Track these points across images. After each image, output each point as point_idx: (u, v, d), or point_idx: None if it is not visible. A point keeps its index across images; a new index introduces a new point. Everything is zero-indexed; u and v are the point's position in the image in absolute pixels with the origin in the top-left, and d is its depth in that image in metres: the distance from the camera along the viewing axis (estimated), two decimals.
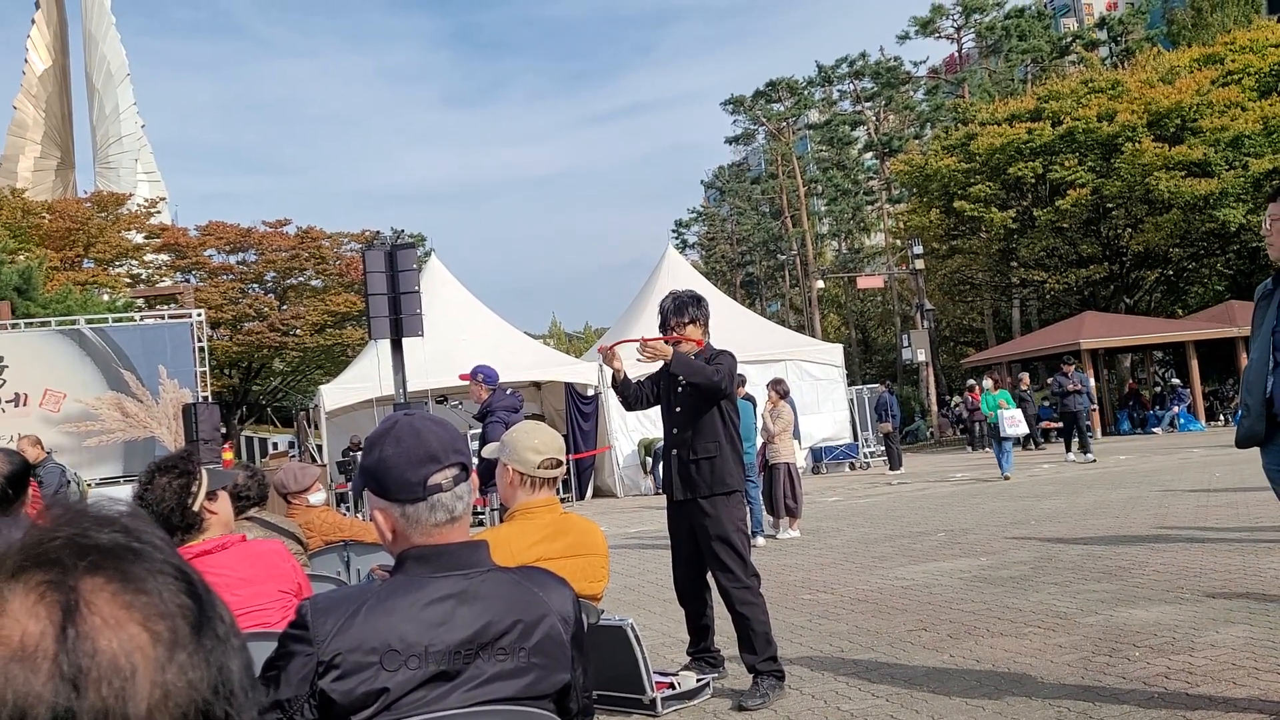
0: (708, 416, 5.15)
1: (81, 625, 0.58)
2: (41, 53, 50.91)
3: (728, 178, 60.81)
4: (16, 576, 0.60)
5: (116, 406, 16.94)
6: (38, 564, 0.60)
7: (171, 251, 36.07)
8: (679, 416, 5.21)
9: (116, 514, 0.65)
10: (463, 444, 1.91)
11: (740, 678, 5.22)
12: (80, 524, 0.63)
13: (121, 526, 0.64)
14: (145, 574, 0.62)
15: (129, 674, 0.58)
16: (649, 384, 5.42)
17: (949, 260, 34.39)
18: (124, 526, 0.64)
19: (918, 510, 12.60)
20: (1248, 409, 3.76)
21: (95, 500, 0.67)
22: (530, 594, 1.83)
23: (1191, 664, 4.74)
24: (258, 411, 42.87)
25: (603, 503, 18.76)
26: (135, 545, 0.63)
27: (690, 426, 5.15)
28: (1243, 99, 28.00)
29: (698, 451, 5.12)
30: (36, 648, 0.57)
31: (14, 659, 0.57)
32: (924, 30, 43.61)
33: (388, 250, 12.58)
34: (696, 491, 5.11)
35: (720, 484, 5.10)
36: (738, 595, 5.03)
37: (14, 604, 0.59)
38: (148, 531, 0.65)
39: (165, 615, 0.61)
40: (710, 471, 5.10)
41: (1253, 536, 8.11)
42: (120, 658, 0.58)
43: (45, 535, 0.62)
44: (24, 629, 0.58)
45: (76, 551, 0.61)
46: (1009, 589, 6.95)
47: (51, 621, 0.58)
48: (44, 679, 0.56)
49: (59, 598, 0.59)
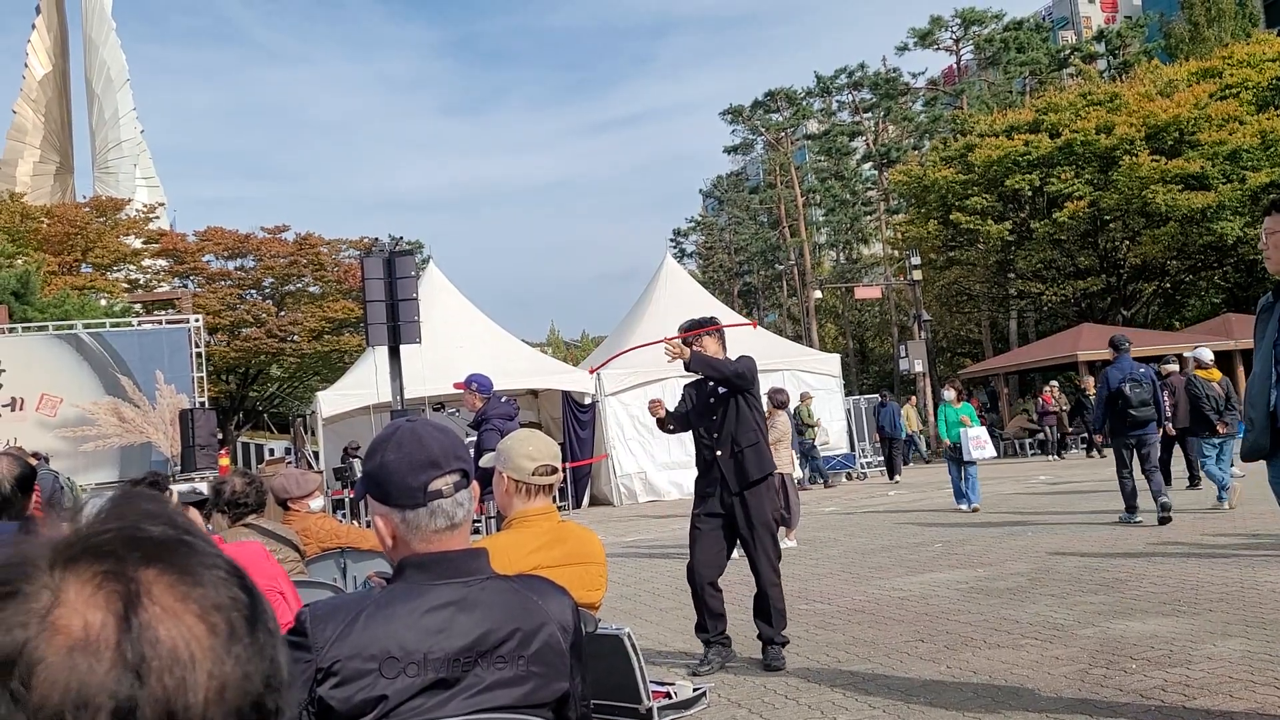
0: (743, 413, 5.86)
1: (143, 615, 0.59)
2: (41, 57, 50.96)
3: (726, 187, 60.89)
4: (71, 567, 0.60)
5: (113, 411, 16.91)
6: (92, 555, 0.61)
7: (170, 257, 36.06)
8: (717, 421, 5.87)
9: (162, 509, 0.66)
10: (464, 451, 1.91)
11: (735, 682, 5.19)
12: (130, 517, 0.64)
13: (170, 520, 0.65)
14: (199, 567, 0.63)
15: (189, 664, 0.59)
16: (680, 410, 6.12)
17: (947, 271, 34.44)
18: (172, 521, 0.65)
19: (915, 521, 12.60)
20: (1252, 423, 3.77)
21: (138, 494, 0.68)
22: (529, 602, 1.83)
23: (1189, 677, 4.74)
24: (254, 417, 42.80)
25: (600, 511, 18.73)
26: (186, 539, 0.64)
27: (730, 425, 5.82)
28: (1240, 113, 28.10)
29: (742, 443, 5.81)
30: (99, 637, 0.58)
31: (76, 648, 0.57)
32: (923, 42, 43.74)
33: (386, 257, 12.59)
34: (748, 479, 5.79)
35: (768, 465, 5.89)
36: (768, 576, 5.78)
37: (71, 594, 0.59)
38: (194, 526, 0.66)
39: (220, 608, 0.62)
40: (756, 457, 5.83)
41: (1250, 549, 8.11)
42: (180, 648, 0.59)
43: (95, 528, 0.63)
44: (85, 618, 0.58)
45: (130, 543, 0.62)
46: (1006, 600, 6.94)
47: (112, 611, 0.59)
48: (107, 668, 0.57)
49: (118, 588, 0.59)
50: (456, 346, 18.31)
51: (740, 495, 5.80)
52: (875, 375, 47.16)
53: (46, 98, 50.72)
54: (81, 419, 16.74)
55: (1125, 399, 10.05)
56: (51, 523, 0.64)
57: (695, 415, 6.00)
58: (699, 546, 5.87)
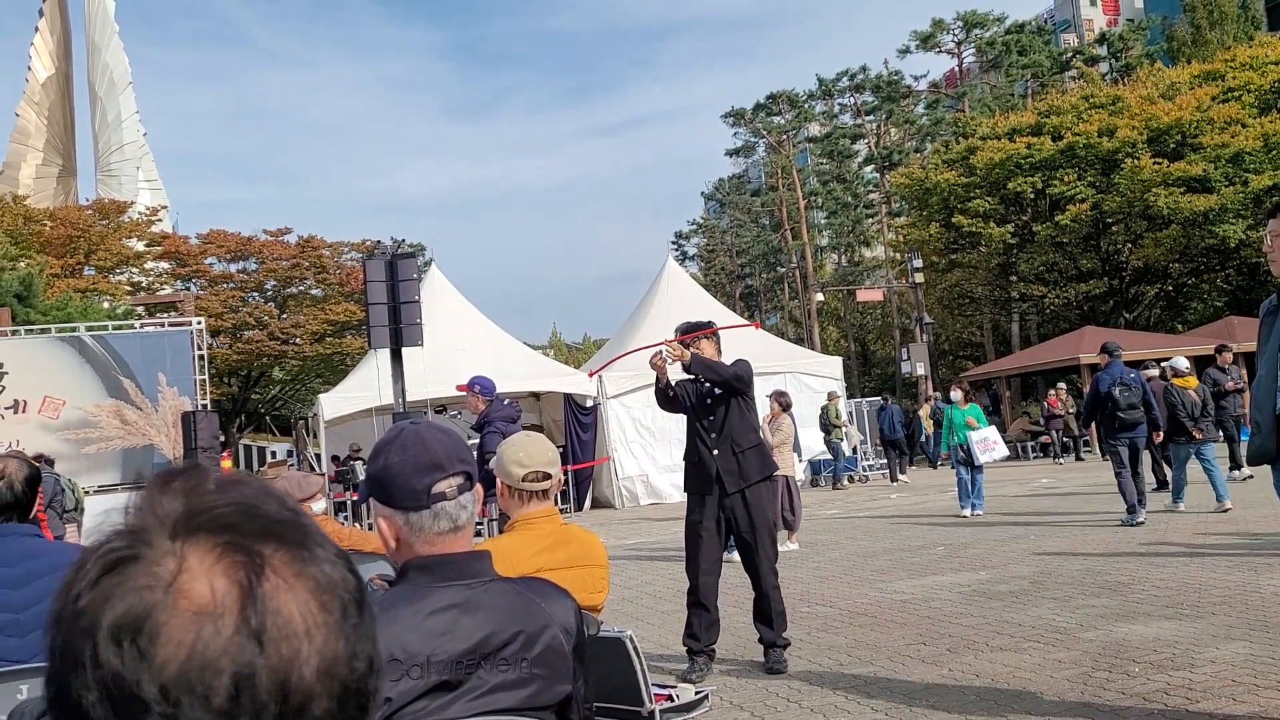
0: (742, 413, 5.88)
1: (265, 585, 0.61)
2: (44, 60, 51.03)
3: (728, 190, 60.92)
4: (193, 537, 0.62)
5: (115, 414, 16.92)
6: (213, 527, 0.63)
7: (172, 259, 36.10)
8: (715, 421, 5.86)
9: (274, 491, 0.68)
10: (468, 454, 1.91)
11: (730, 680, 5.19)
12: (245, 494, 0.66)
13: (282, 501, 0.67)
14: (314, 545, 0.65)
15: (304, 637, 0.61)
16: (682, 391, 6.00)
17: (948, 274, 34.44)
18: (284, 502, 0.67)
19: (916, 523, 12.59)
20: (1258, 426, 3.76)
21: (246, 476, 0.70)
22: (532, 604, 1.83)
23: (1191, 680, 4.73)
24: (256, 420, 42.83)
25: (601, 514, 18.73)
26: (301, 519, 0.67)
27: (729, 426, 5.82)
28: (1243, 115, 28.09)
29: (742, 444, 5.81)
30: (223, 604, 0.60)
31: (201, 613, 0.59)
32: (925, 45, 43.78)
33: (388, 260, 12.59)
34: (748, 479, 5.78)
35: (767, 467, 5.91)
36: (769, 579, 5.79)
37: (195, 561, 0.61)
38: (302, 510, 0.68)
39: (333, 587, 0.64)
40: (757, 458, 5.85)
41: (1252, 552, 8.10)
42: (296, 621, 0.61)
43: (213, 501, 0.65)
44: (211, 585, 0.60)
45: (250, 518, 0.64)
46: (1008, 603, 6.94)
47: (236, 580, 0.61)
48: (230, 633, 0.59)
49: (241, 558, 0.62)
50: (458, 349, 18.32)
51: (742, 495, 5.78)
52: (877, 378, 47.15)
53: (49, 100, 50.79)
54: (84, 421, 16.75)
55: (1115, 402, 10.48)
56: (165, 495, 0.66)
57: (694, 410, 5.96)
58: (701, 555, 5.81)
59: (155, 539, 0.62)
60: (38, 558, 2.95)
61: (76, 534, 9.79)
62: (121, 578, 0.60)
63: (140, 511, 0.65)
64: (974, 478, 12.46)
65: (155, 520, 0.64)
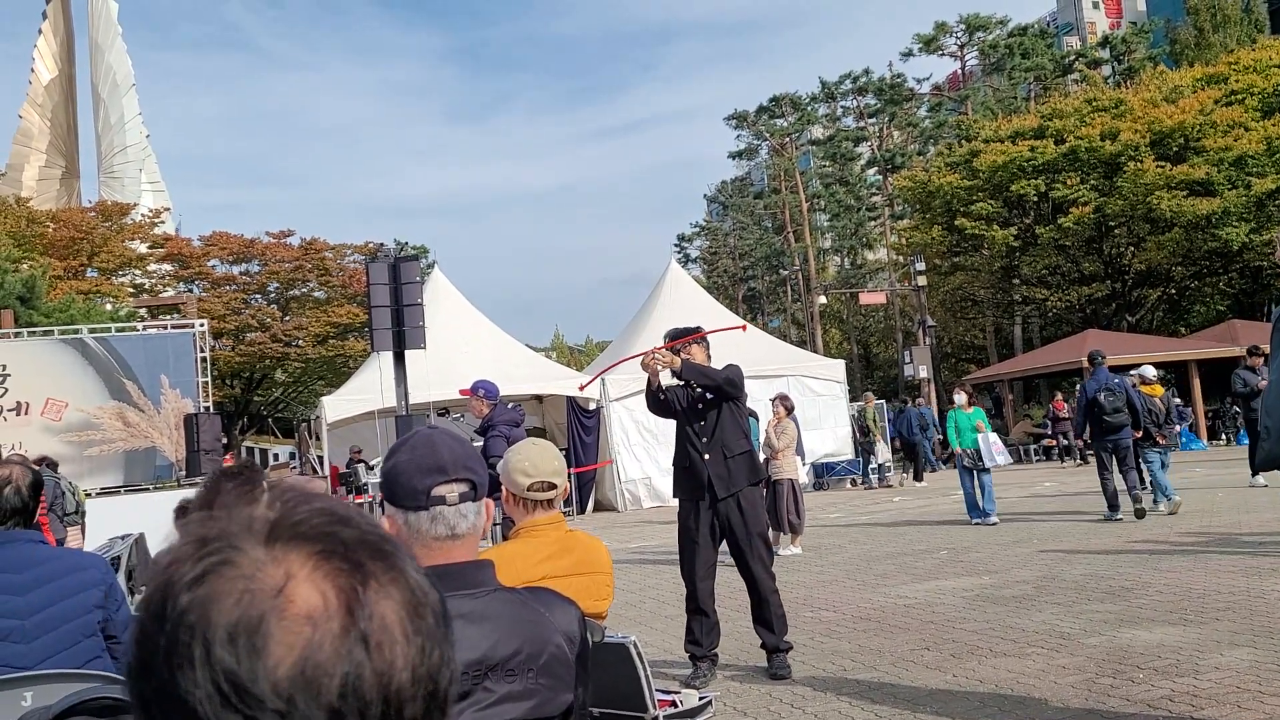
0: (733, 418, 5.88)
1: (369, 593, 0.65)
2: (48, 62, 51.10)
3: (730, 192, 60.94)
4: (293, 545, 0.65)
5: (118, 416, 16.92)
6: (310, 536, 0.66)
7: (175, 261, 36.12)
8: (706, 426, 5.87)
9: (348, 505, 0.71)
10: (478, 465, 1.90)
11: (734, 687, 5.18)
12: (330, 506, 0.70)
13: (361, 514, 0.70)
14: (403, 558, 0.69)
15: (404, 642, 0.65)
16: (672, 396, 6.01)
17: (951, 277, 34.41)
18: (363, 515, 0.70)
19: (920, 527, 12.57)
20: (1268, 431, 3.76)
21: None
22: (537, 614, 1.82)
23: (1196, 687, 4.72)
24: (259, 422, 42.87)
25: (604, 517, 18.72)
26: (384, 533, 0.70)
27: (720, 431, 5.84)
28: (1246, 119, 28.07)
29: (732, 449, 5.82)
30: (333, 610, 0.63)
31: (312, 619, 0.62)
32: (928, 48, 43.79)
33: (391, 262, 12.58)
34: (737, 485, 5.79)
35: (756, 472, 5.95)
36: (766, 584, 5.80)
37: (297, 568, 0.64)
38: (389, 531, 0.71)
39: (423, 598, 0.68)
40: (747, 464, 5.87)
41: (1256, 558, 8.08)
42: (396, 627, 0.65)
43: (302, 512, 0.68)
44: (321, 591, 0.63)
45: (343, 527, 0.68)
46: (1012, 608, 6.93)
47: (342, 587, 0.64)
48: (338, 638, 0.62)
49: (344, 566, 0.65)
50: (461, 352, 18.31)
51: (735, 500, 5.79)
52: (880, 381, 47.11)
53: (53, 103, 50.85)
54: (86, 423, 16.74)
55: (1100, 407, 11.23)
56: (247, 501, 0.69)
57: (685, 414, 5.95)
58: (698, 561, 5.81)
59: (246, 544, 0.65)
60: (42, 564, 2.95)
61: (79, 537, 9.78)
62: (224, 582, 0.63)
63: (221, 517, 0.68)
64: (981, 482, 12.01)
65: (242, 526, 0.67)
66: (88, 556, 3.22)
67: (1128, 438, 11.21)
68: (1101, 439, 11.30)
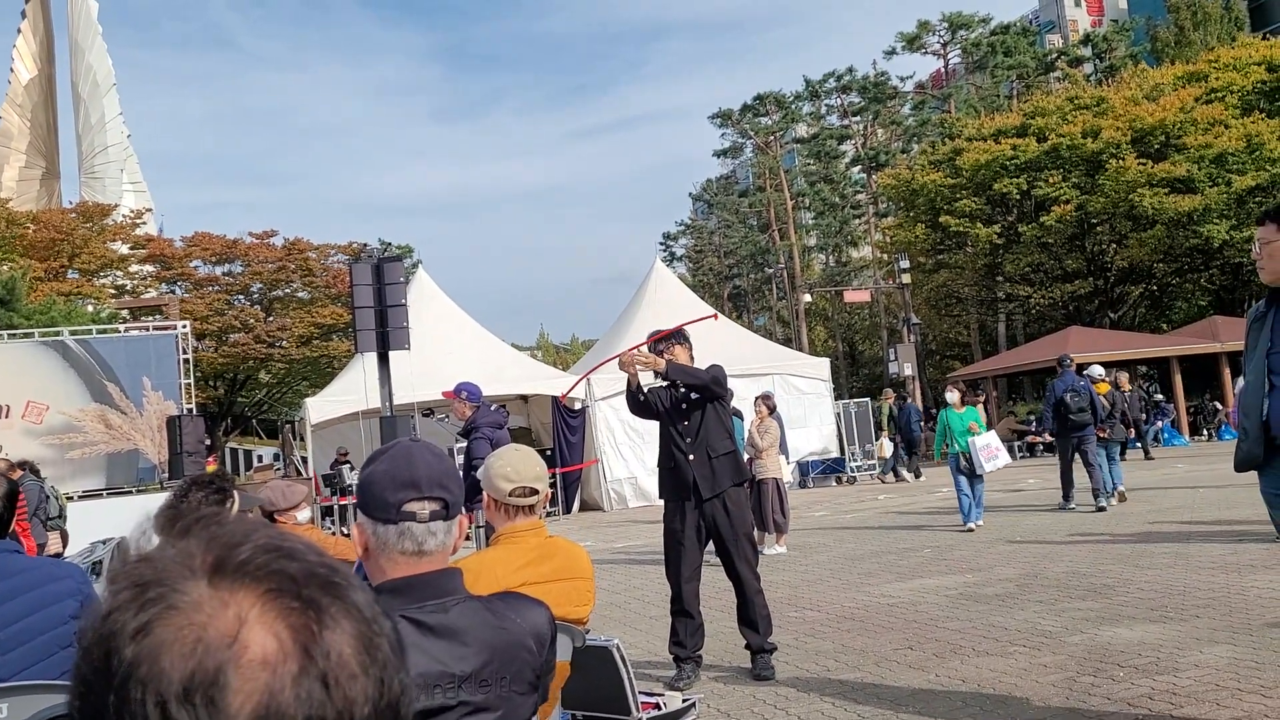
0: (716, 420, 5.89)
1: (325, 632, 0.63)
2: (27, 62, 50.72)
3: (715, 191, 60.98)
4: (240, 584, 0.63)
5: (100, 419, 16.82)
6: (255, 574, 0.64)
7: (157, 262, 35.92)
8: (690, 426, 5.86)
9: (293, 537, 0.69)
10: (455, 484, 1.89)
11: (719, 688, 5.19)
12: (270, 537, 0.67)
13: (310, 547, 0.68)
14: (355, 592, 0.67)
15: (361, 678, 0.64)
16: (654, 397, 5.98)
17: (935, 275, 34.55)
18: (311, 548, 0.69)
19: (903, 526, 12.62)
20: (1245, 432, 3.77)
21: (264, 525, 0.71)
22: (506, 620, 1.83)
23: (1176, 684, 4.75)
24: (243, 423, 42.67)
25: (589, 516, 18.71)
26: (331, 562, 0.68)
27: (704, 431, 5.84)
28: (1226, 116, 28.26)
29: (716, 450, 5.83)
30: (287, 651, 0.61)
31: (267, 663, 0.61)
32: (910, 46, 43.93)
33: (375, 263, 12.54)
34: (721, 486, 5.80)
35: (741, 473, 5.95)
36: (752, 584, 5.83)
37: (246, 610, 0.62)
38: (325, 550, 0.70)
39: (376, 633, 0.66)
40: (732, 464, 5.88)
41: (1236, 555, 8.14)
42: (352, 662, 0.63)
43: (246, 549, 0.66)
44: (274, 633, 0.61)
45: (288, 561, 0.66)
46: (994, 607, 6.96)
47: (294, 627, 0.62)
48: (297, 680, 0.61)
49: (295, 604, 0.63)
50: (446, 352, 18.28)
51: (721, 501, 5.80)
52: (865, 378, 47.26)
53: (32, 102, 50.46)
54: (68, 426, 16.64)
55: (1066, 406, 12.25)
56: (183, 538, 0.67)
57: (668, 415, 5.94)
58: (684, 562, 5.82)
59: (187, 586, 0.63)
60: (18, 574, 2.92)
61: (59, 542, 9.72)
62: (171, 630, 0.60)
63: (155, 558, 0.65)
64: (974, 487, 11.50)
65: (181, 566, 0.64)
66: (64, 566, 3.19)
67: (1091, 434, 12.19)
68: (1066, 435, 12.29)
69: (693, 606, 5.82)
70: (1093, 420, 12.17)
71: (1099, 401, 12.55)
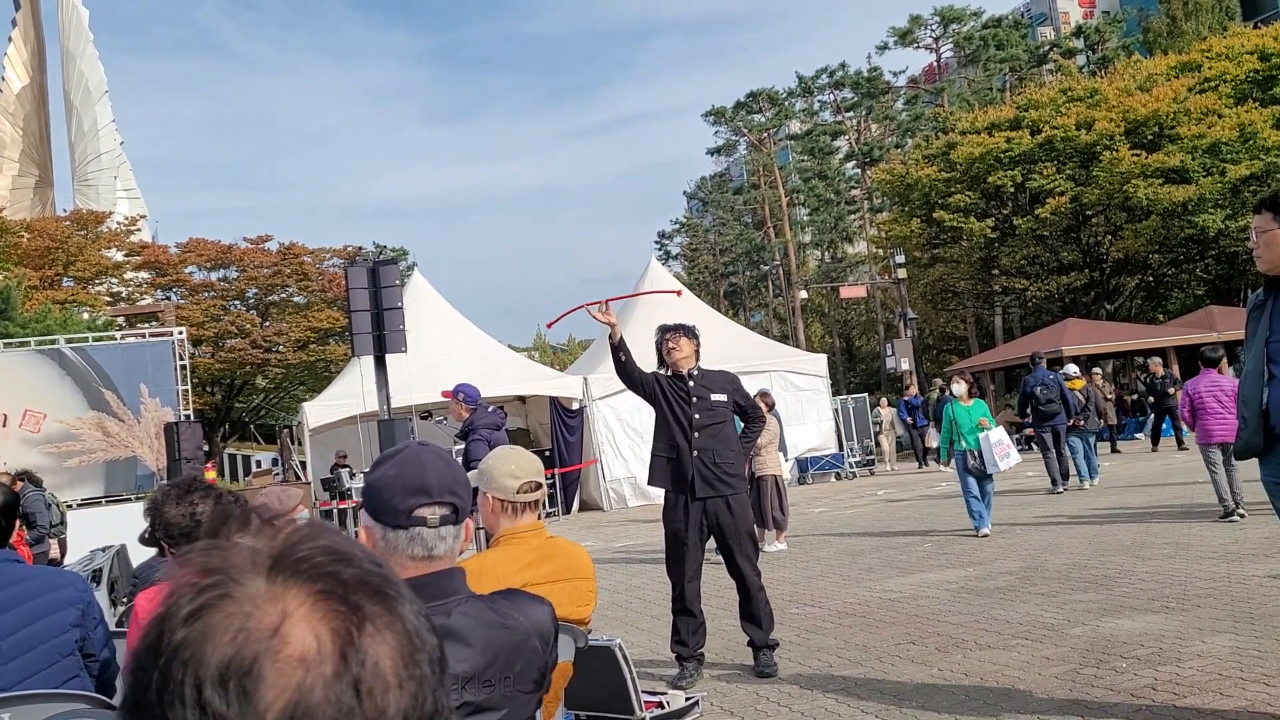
0: (728, 426, 5.91)
1: (364, 637, 0.64)
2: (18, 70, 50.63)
3: (710, 189, 60.95)
4: (291, 582, 0.64)
5: (97, 426, 16.79)
6: (311, 574, 0.65)
7: (152, 269, 35.89)
8: (698, 424, 5.81)
9: (356, 543, 0.70)
10: (464, 489, 1.89)
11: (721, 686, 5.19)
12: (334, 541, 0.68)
13: (367, 553, 0.69)
14: (403, 600, 0.68)
15: (396, 688, 0.64)
16: (651, 379, 5.97)
17: (931, 269, 34.54)
18: (369, 554, 0.70)
19: (903, 520, 12.61)
20: (1245, 421, 3.77)
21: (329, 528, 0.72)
22: (510, 619, 1.83)
23: (1179, 675, 4.75)
24: (241, 429, 42.62)
25: (589, 516, 18.70)
26: (388, 574, 0.69)
27: (713, 435, 5.81)
28: (1219, 106, 28.28)
29: (721, 456, 5.82)
30: (326, 652, 0.62)
31: (303, 660, 0.61)
32: (903, 41, 43.93)
33: (370, 266, 12.53)
34: (718, 490, 5.79)
35: (740, 480, 5.96)
36: (753, 581, 5.84)
37: (294, 607, 0.63)
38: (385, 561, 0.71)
39: (419, 643, 0.67)
40: (734, 471, 5.88)
41: (1237, 544, 8.15)
42: (389, 673, 0.64)
43: (303, 549, 0.67)
44: (315, 633, 0.62)
45: (345, 565, 0.67)
46: (996, 600, 6.96)
47: (338, 630, 0.63)
48: (330, 682, 0.61)
49: (342, 608, 0.64)
50: (443, 354, 18.26)
51: (725, 500, 5.80)
52: (862, 374, 47.27)
53: (24, 111, 50.38)
54: (66, 434, 16.60)
55: (1036, 399, 13.65)
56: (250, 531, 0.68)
57: (673, 413, 5.86)
58: (686, 561, 5.80)
59: (246, 577, 0.64)
60: (18, 584, 2.92)
61: (58, 550, 9.71)
62: (220, 617, 0.62)
63: (227, 547, 0.67)
64: (983, 487, 10.44)
65: (245, 558, 0.65)
66: (64, 575, 3.19)
67: (1061, 422, 13.52)
68: (1040, 424, 13.57)
69: (694, 605, 5.82)
70: (1064, 410, 13.52)
71: (1072, 396, 13.84)
